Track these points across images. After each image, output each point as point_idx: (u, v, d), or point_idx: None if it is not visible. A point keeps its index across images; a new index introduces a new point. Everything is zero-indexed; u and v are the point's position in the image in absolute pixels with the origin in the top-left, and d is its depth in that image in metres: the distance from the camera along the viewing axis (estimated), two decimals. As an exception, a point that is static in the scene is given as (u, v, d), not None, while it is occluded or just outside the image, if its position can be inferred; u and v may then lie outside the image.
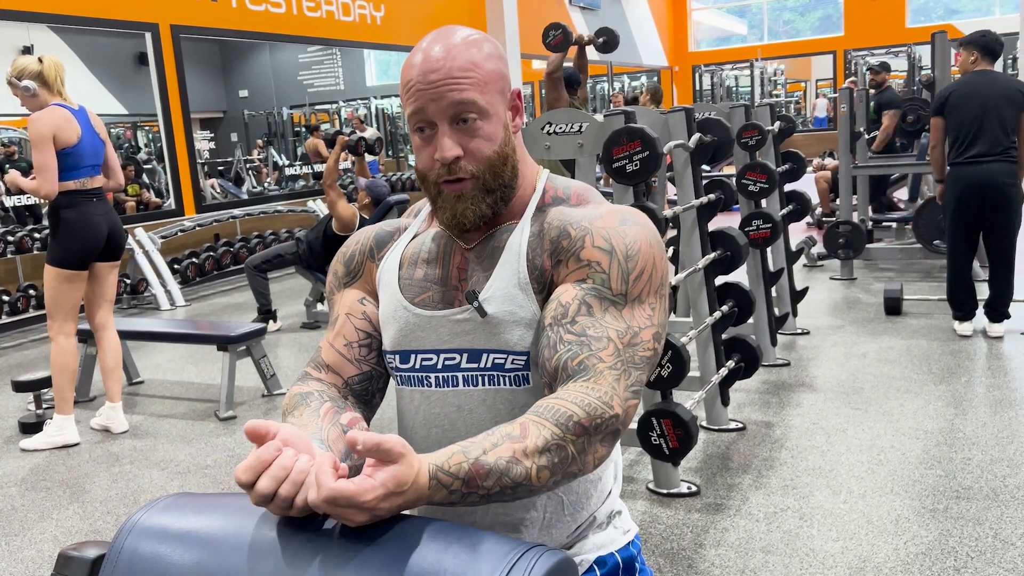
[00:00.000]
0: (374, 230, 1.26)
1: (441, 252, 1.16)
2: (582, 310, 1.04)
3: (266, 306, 5.83)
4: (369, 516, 0.85)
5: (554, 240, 1.10)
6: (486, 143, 1.08)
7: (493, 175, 1.09)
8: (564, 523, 1.15)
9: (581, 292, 1.05)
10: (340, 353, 1.19)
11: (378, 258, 1.22)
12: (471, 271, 1.14)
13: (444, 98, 1.05)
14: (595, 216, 1.10)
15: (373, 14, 10.22)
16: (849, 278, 6.35)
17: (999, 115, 4.38)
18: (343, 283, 1.24)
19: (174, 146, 7.89)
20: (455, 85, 1.05)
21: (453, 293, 1.14)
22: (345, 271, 1.24)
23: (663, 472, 3.00)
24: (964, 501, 2.79)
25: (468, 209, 1.09)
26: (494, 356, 1.10)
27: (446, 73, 1.05)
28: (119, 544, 0.97)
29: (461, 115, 1.06)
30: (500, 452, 0.92)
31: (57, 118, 3.62)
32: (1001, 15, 16.02)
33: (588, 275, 1.06)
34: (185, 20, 7.90)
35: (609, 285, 1.05)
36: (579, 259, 1.07)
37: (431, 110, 1.06)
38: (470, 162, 1.08)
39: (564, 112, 3.24)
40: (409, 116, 1.08)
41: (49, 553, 2.86)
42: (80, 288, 3.83)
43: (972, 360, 4.29)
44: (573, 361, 1.01)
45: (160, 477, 3.45)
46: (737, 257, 3.54)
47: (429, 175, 1.10)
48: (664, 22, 18.06)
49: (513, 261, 1.10)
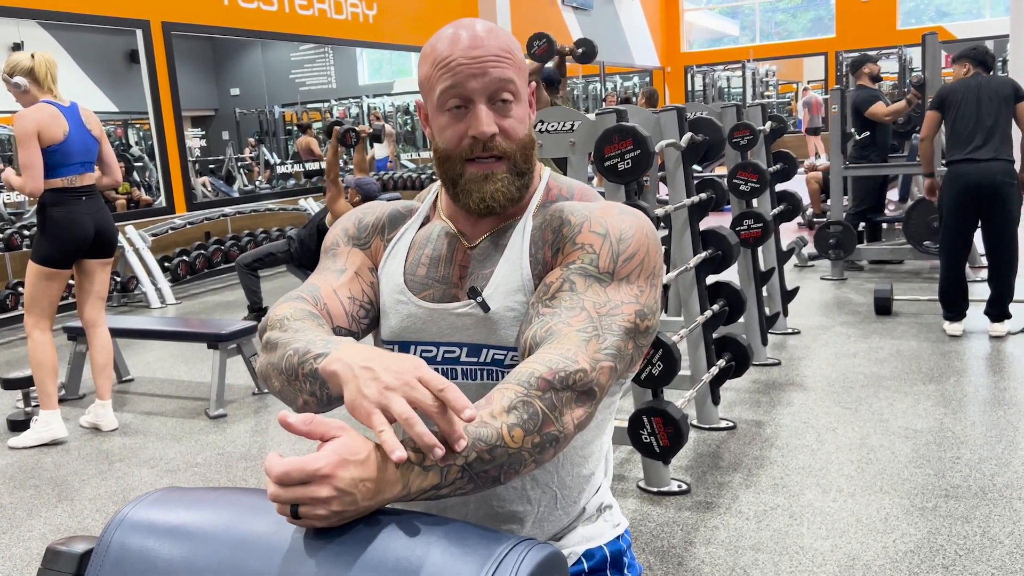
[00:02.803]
0: (389, 207, 1.25)
1: (444, 251, 1.16)
2: (564, 287, 1.04)
3: (257, 304, 5.81)
4: (332, 488, 0.80)
5: (556, 230, 1.10)
6: (520, 124, 1.09)
7: (524, 157, 1.10)
8: (557, 516, 1.15)
9: (567, 272, 1.05)
10: (341, 303, 1.16)
11: (387, 238, 1.21)
12: (472, 268, 1.14)
13: (487, 74, 1.05)
14: (595, 207, 1.11)
15: (366, 12, 10.20)
16: (839, 278, 6.38)
17: (996, 114, 4.41)
18: (353, 242, 1.22)
19: (165, 144, 7.86)
20: (499, 63, 1.06)
21: (454, 292, 1.14)
22: (356, 233, 1.23)
23: (653, 470, 3.00)
24: (953, 499, 2.80)
25: (499, 191, 1.09)
26: (494, 352, 1.10)
27: (488, 51, 1.06)
28: (107, 538, 0.97)
29: (501, 93, 1.07)
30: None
31: (43, 115, 3.60)
32: (991, 17, 16.10)
33: (578, 256, 1.06)
34: (176, 17, 7.87)
35: (597, 264, 1.05)
36: (574, 243, 1.08)
37: (471, 86, 1.05)
38: (505, 140, 1.08)
39: (556, 110, 3.24)
40: (443, 92, 1.07)
41: (37, 550, 2.85)
42: (60, 286, 3.82)
43: (962, 360, 4.31)
44: (542, 329, 1.00)
45: (150, 475, 3.44)
46: (728, 256, 3.55)
47: (455, 153, 1.09)
48: (656, 23, 18.08)
49: (516, 259, 1.11)
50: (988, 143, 4.39)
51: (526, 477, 1.11)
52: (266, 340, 1.09)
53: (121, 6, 7.39)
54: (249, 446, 3.72)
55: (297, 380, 1.01)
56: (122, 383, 4.74)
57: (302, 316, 1.09)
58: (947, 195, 4.55)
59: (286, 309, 1.11)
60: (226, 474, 3.41)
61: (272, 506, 0.99)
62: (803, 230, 8.40)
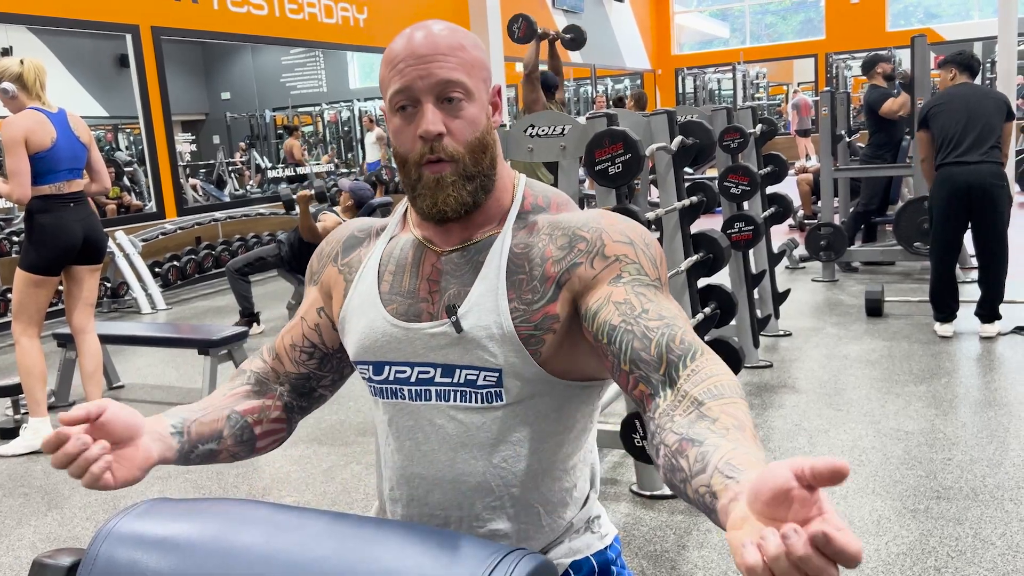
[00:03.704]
0: (348, 231, 1.24)
1: (410, 262, 1.13)
2: (642, 300, 1.01)
3: (248, 309, 5.79)
4: None
5: (565, 247, 1.07)
6: (469, 126, 1.06)
7: (473, 160, 1.07)
8: (542, 534, 1.13)
9: (628, 286, 1.03)
10: (287, 351, 1.24)
11: (341, 264, 1.21)
12: (445, 283, 1.10)
13: (432, 75, 1.04)
14: (593, 217, 1.09)
15: (356, 16, 10.19)
16: (830, 280, 6.39)
17: (984, 119, 4.43)
18: (312, 279, 1.26)
19: (155, 149, 7.83)
20: (444, 62, 1.04)
21: (421, 306, 1.10)
22: (316, 267, 1.26)
23: (646, 474, 3.00)
24: (944, 501, 2.81)
25: (449, 196, 1.06)
26: (467, 372, 1.07)
27: (434, 49, 1.04)
28: (94, 551, 0.96)
29: (447, 93, 1.04)
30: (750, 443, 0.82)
31: (30, 122, 3.59)
32: (980, 19, 16.19)
33: (621, 269, 1.04)
34: (166, 22, 7.85)
35: (645, 272, 1.05)
36: (605, 256, 1.05)
37: (418, 87, 1.04)
38: (452, 143, 1.05)
39: (547, 115, 3.24)
40: (393, 95, 1.06)
41: (26, 560, 2.83)
42: (48, 293, 3.80)
43: (953, 361, 4.32)
44: (674, 340, 0.96)
45: (140, 484, 3.40)
46: (719, 259, 3.56)
47: (410, 157, 1.07)
48: (647, 25, 18.12)
49: (492, 276, 1.07)
50: (977, 146, 4.41)
51: (505, 496, 1.09)
52: None
53: (110, 11, 7.37)
54: (240, 452, 3.70)
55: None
56: (112, 390, 4.72)
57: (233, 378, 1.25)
58: (937, 197, 4.57)
59: (239, 369, 1.27)
60: (217, 482, 3.39)
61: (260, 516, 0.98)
62: (794, 232, 8.43)
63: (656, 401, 0.93)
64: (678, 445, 0.85)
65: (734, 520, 0.68)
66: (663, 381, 0.94)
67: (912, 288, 5.95)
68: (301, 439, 3.78)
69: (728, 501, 0.73)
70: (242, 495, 3.26)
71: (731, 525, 0.68)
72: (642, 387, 0.96)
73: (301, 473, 3.42)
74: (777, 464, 0.65)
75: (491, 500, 1.09)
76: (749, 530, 0.65)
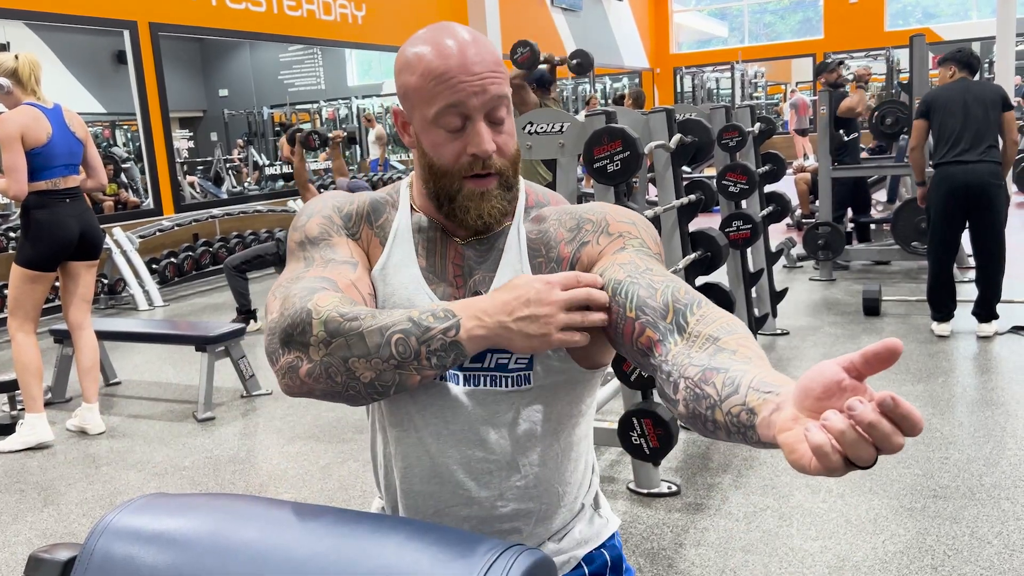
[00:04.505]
0: (368, 196, 1.20)
1: (438, 242, 1.14)
2: (647, 262, 1.04)
3: (246, 306, 5.78)
4: None
5: (574, 228, 1.11)
6: (511, 139, 1.09)
7: (513, 172, 1.11)
8: (560, 515, 1.16)
9: (631, 253, 1.06)
10: (364, 299, 1.08)
11: (375, 226, 1.16)
12: (469, 268, 1.12)
13: (487, 92, 1.04)
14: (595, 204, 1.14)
15: (354, 13, 10.18)
16: (828, 279, 6.40)
17: (982, 117, 4.43)
18: (344, 232, 1.15)
19: (153, 145, 7.82)
20: (495, 79, 1.05)
21: (450, 289, 1.12)
22: (344, 224, 1.16)
23: (643, 472, 3.00)
24: (941, 500, 2.81)
25: (494, 208, 1.08)
26: (498, 356, 1.09)
27: (486, 67, 1.04)
28: (91, 546, 0.96)
29: (498, 111, 1.06)
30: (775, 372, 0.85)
31: (26, 118, 3.58)
32: (978, 19, 16.20)
33: (625, 243, 1.08)
34: (164, 18, 7.83)
35: (647, 246, 1.09)
36: (609, 233, 1.09)
37: (472, 104, 1.03)
38: (498, 158, 1.08)
39: (546, 112, 3.24)
40: (443, 109, 1.03)
41: (22, 556, 2.82)
42: (44, 289, 3.80)
43: (950, 360, 4.33)
44: (679, 291, 0.99)
45: (137, 479, 3.41)
46: (717, 258, 3.56)
47: (452, 170, 1.07)
48: (645, 24, 18.12)
49: (515, 261, 1.10)
50: (975, 145, 4.41)
51: (530, 476, 1.11)
52: (331, 332, 0.99)
53: (108, 7, 7.35)
54: (237, 449, 3.70)
55: (416, 360, 0.97)
56: (109, 386, 4.71)
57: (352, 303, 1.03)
58: (935, 197, 4.58)
59: (330, 299, 1.02)
60: (214, 478, 3.39)
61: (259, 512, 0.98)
62: (792, 231, 8.43)
63: (666, 346, 0.95)
64: (702, 375, 0.87)
65: (784, 422, 0.71)
66: (671, 328, 0.96)
67: (910, 287, 5.95)
68: (298, 435, 3.77)
69: (770, 413, 0.76)
70: (239, 491, 3.25)
71: (781, 427, 0.72)
72: (650, 332, 0.97)
73: (298, 469, 3.42)
74: (825, 362, 0.70)
75: (517, 479, 1.11)
76: (804, 424, 0.68)
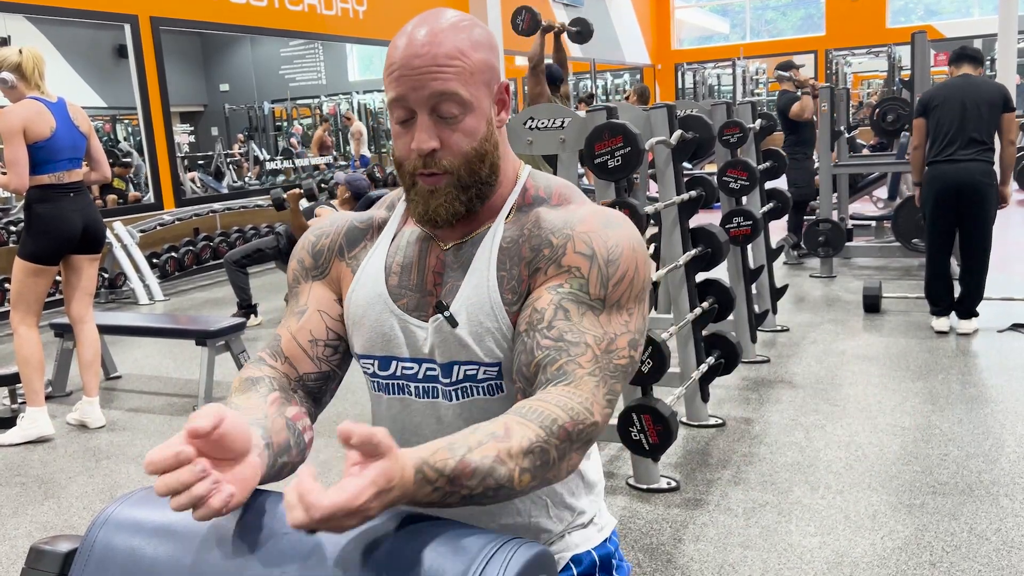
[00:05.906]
0: (345, 224, 1.19)
1: (417, 255, 1.11)
2: (559, 315, 1.00)
3: (246, 301, 5.79)
4: (360, 519, 0.79)
5: (535, 248, 1.06)
6: (465, 138, 1.03)
7: (469, 172, 1.04)
8: (548, 525, 1.14)
9: (557, 297, 1.02)
10: (302, 347, 1.12)
11: (348, 257, 1.16)
12: (446, 276, 1.10)
13: (426, 87, 0.99)
14: (576, 220, 1.06)
15: (356, 8, 10.17)
16: (828, 276, 6.40)
17: (979, 116, 4.43)
18: (311, 275, 1.17)
19: (153, 140, 7.81)
20: (439, 73, 0.99)
21: (428, 299, 1.10)
22: (313, 263, 1.17)
23: (643, 467, 3.01)
24: (940, 496, 2.82)
25: (441, 206, 1.04)
26: (466, 368, 1.07)
27: (430, 60, 0.99)
28: (92, 537, 0.96)
29: (441, 107, 1.01)
30: (485, 451, 0.87)
31: (28, 112, 3.58)
32: (980, 16, 16.17)
33: (566, 280, 1.02)
34: (165, 12, 7.83)
35: (587, 290, 1.02)
36: (560, 265, 1.04)
37: (412, 98, 1.00)
38: (446, 156, 1.02)
39: (546, 107, 3.24)
40: (390, 102, 1.03)
41: (23, 549, 2.83)
42: (47, 282, 3.80)
43: (949, 357, 4.33)
44: (552, 366, 0.97)
45: (137, 472, 3.42)
46: (718, 254, 3.56)
47: (405, 164, 1.05)
48: (647, 20, 18.09)
49: (483, 270, 1.06)
50: (969, 144, 4.43)
51: None
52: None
53: (109, 1, 7.34)
54: (238, 443, 3.70)
55: None
56: (110, 380, 4.72)
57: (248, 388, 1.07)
58: (928, 194, 4.60)
59: (244, 379, 1.09)
60: (214, 471, 3.39)
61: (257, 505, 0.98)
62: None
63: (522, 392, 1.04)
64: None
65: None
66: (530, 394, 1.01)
67: (910, 284, 5.95)
68: (298, 431, 3.78)
69: None
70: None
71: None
72: (519, 395, 1.04)
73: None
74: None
75: None
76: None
